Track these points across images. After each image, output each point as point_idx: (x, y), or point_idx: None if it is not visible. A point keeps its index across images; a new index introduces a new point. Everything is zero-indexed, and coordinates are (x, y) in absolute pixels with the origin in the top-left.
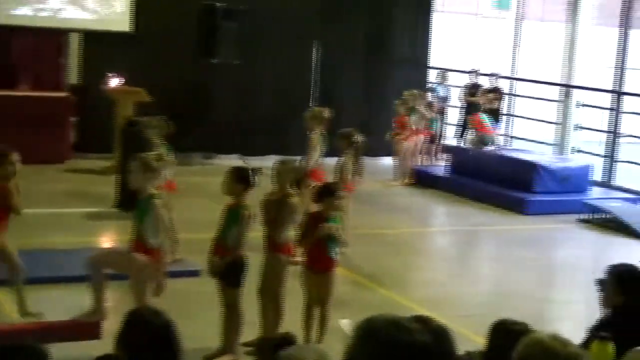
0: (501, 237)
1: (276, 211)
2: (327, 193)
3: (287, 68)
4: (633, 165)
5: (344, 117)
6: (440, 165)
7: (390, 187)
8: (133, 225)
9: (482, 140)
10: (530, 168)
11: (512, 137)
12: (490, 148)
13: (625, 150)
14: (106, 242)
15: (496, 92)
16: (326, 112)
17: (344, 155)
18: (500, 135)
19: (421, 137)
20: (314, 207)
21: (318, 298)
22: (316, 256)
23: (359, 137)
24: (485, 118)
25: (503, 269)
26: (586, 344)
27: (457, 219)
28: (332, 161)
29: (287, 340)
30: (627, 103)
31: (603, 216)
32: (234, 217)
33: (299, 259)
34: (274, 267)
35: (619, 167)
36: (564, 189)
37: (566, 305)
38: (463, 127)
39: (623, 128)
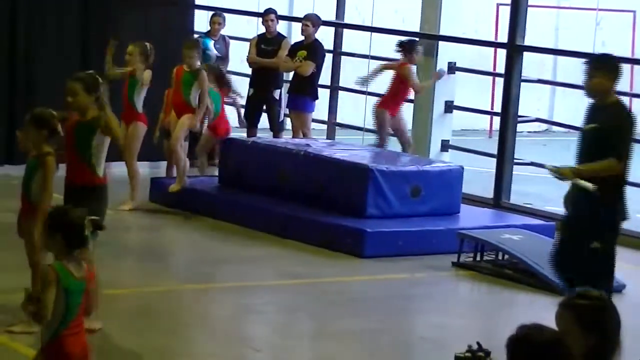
0: (317, 299)
1: None
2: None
3: None
4: (534, 169)
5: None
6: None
7: (120, 213)
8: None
9: None
10: (361, 175)
11: (335, 124)
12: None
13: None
14: None
15: (312, 49)
16: None
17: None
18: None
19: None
20: None
21: None
22: None
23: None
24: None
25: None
26: None
27: (235, 267)
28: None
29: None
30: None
31: (491, 258)
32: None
33: None
34: None
35: (516, 172)
36: (418, 209)
37: None
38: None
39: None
